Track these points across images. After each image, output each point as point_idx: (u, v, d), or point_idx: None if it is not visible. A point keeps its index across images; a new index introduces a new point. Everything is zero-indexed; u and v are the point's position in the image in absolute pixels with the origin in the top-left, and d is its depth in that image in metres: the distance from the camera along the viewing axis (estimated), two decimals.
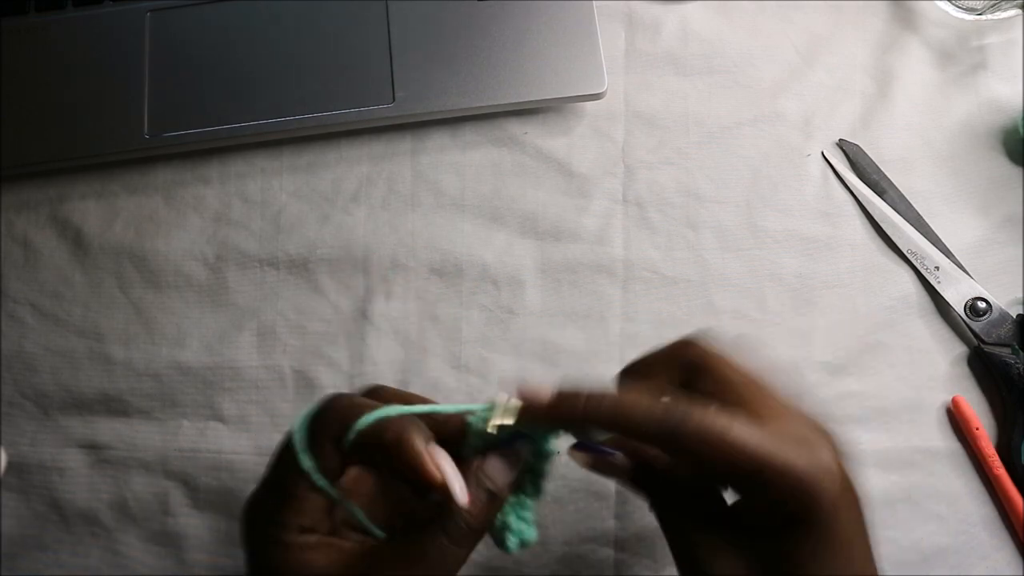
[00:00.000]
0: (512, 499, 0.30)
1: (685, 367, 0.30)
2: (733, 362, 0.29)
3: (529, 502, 0.31)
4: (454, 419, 0.30)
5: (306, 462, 0.28)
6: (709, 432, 0.26)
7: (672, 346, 0.31)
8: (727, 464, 0.26)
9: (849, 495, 0.28)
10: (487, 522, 0.29)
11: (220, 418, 0.45)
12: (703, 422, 0.26)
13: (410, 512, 0.31)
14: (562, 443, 0.31)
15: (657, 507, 0.31)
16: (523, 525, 0.30)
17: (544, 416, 0.29)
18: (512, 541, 0.30)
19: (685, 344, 0.31)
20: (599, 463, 0.31)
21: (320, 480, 0.28)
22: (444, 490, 0.28)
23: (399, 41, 0.48)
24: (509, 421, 0.29)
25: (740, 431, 0.26)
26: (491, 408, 0.30)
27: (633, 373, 0.32)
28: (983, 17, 0.50)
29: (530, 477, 0.31)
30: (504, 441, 0.30)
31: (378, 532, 0.30)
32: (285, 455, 0.29)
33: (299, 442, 0.29)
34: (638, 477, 0.31)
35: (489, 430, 0.29)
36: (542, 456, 0.31)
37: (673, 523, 0.30)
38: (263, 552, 0.28)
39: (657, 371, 0.31)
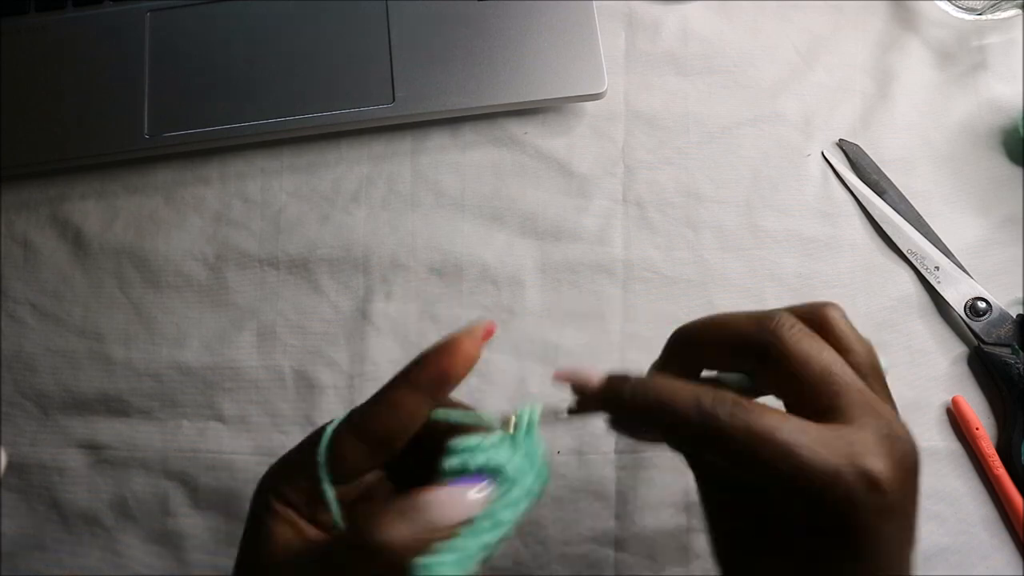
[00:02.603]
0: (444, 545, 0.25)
1: (758, 346, 0.28)
2: (813, 350, 0.27)
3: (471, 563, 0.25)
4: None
5: (322, 459, 0.28)
6: (753, 430, 0.25)
7: (757, 320, 0.28)
8: (765, 466, 0.25)
9: (895, 512, 0.25)
10: (409, 557, 0.24)
11: (220, 418, 0.45)
12: (749, 419, 0.25)
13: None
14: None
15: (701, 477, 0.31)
16: None
17: (591, 399, 0.29)
18: None
19: (769, 322, 0.28)
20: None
21: (329, 491, 0.28)
22: None
23: (399, 41, 0.48)
24: (531, 429, 0.29)
25: (789, 432, 0.25)
26: (529, 412, 0.29)
27: (691, 343, 0.30)
28: (983, 17, 0.50)
29: (485, 529, 0.26)
30: (475, 475, 0.26)
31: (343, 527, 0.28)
32: (314, 438, 0.29)
33: (325, 440, 0.28)
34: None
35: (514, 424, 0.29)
36: (509, 508, 0.27)
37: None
38: (253, 508, 0.29)
39: (721, 345, 0.29)
